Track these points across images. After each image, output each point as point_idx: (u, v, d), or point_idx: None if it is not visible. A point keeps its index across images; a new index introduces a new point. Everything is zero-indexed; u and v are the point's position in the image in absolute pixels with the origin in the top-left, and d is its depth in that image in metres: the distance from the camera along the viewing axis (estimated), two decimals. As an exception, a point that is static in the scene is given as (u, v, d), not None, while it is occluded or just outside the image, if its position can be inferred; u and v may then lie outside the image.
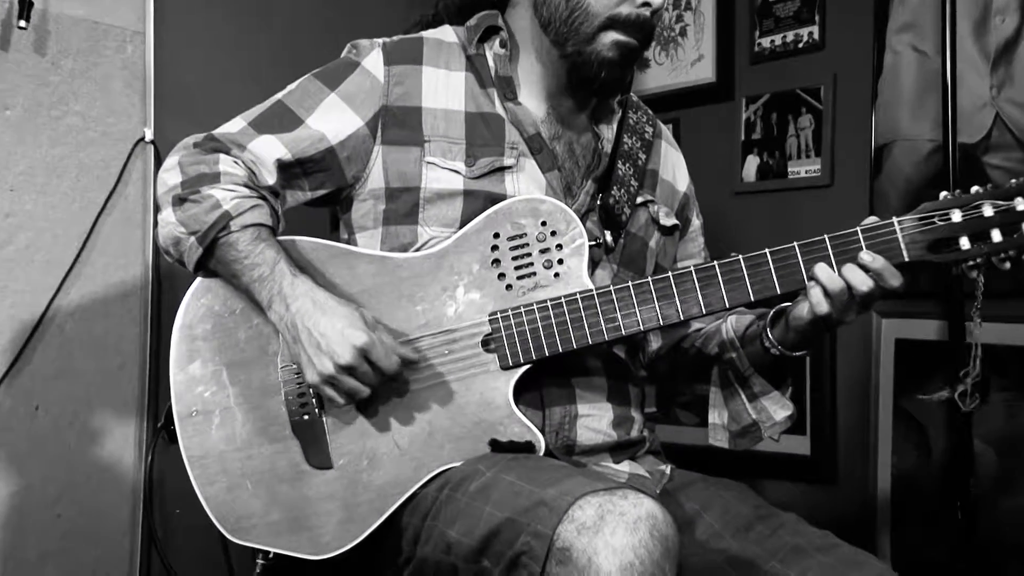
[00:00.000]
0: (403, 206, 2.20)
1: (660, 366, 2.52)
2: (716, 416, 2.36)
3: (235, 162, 2.16)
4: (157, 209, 2.19)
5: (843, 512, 3.47)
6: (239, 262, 2.09)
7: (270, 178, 2.17)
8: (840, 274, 2.01)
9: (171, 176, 2.16)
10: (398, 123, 2.21)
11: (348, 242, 2.28)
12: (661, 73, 4.05)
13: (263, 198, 2.15)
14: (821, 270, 2.02)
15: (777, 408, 2.29)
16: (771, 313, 2.21)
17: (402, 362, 2.06)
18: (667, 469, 2.32)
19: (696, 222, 2.56)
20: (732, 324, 2.33)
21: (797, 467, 3.58)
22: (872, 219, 2.05)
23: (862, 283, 2.00)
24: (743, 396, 2.31)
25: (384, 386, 2.07)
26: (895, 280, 2.00)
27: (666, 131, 2.53)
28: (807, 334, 2.13)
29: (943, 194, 2.00)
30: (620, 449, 2.26)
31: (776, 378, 2.30)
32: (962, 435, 2.97)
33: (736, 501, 2.18)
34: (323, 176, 2.23)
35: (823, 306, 2.02)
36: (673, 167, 2.50)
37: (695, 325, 2.47)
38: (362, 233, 2.25)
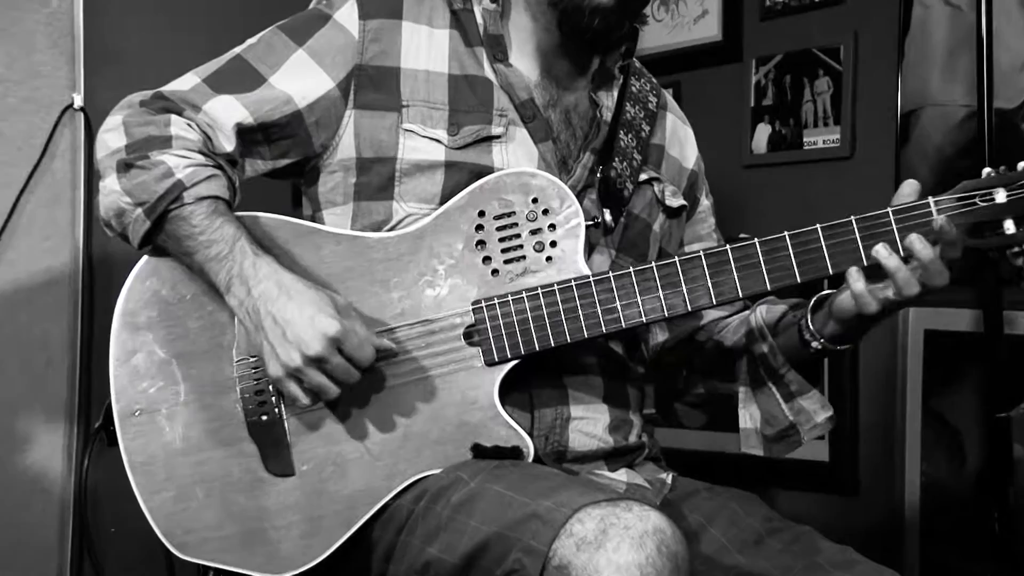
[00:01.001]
0: (377, 179, 2.21)
1: (667, 360, 2.53)
2: (748, 419, 2.37)
3: (188, 125, 2.16)
4: (98, 175, 2.18)
5: (865, 525, 3.50)
6: (193, 238, 2.09)
7: (228, 144, 2.17)
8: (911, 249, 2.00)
9: (114, 138, 2.15)
10: (373, 85, 2.22)
11: (313, 220, 2.28)
12: (660, 31, 4.06)
13: (220, 167, 2.15)
14: (883, 251, 2.01)
15: (817, 408, 2.30)
16: (812, 302, 2.22)
17: (378, 354, 2.07)
18: (668, 478, 2.34)
19: (705, 202, 2.58)
20: (762, 313, 2.34)
21: (814, 475, 3.62)
22: (911, 187, 2.06)
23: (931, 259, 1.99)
24: (778, 395, 2.32)
25: (354, 384, 2.08)
26: (940, 279, 2.01)
27: (672, 102, 2.55)
28: (853, 326, 2.14)
29: (986, 171, 2.01)
30: (617, 456, 2.28)
31: (810, 375, 2.31)
32: (1000, 440, 2.99)
33: (745, 513, 2.21)
34: (288, 144, 2.24)
35: (872, 304, 2.03)
36: (681, 142, 2.52)
37: (711, 315, 2.48)
38: (330, 209, 2.26)
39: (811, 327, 2.20)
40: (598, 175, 2.28)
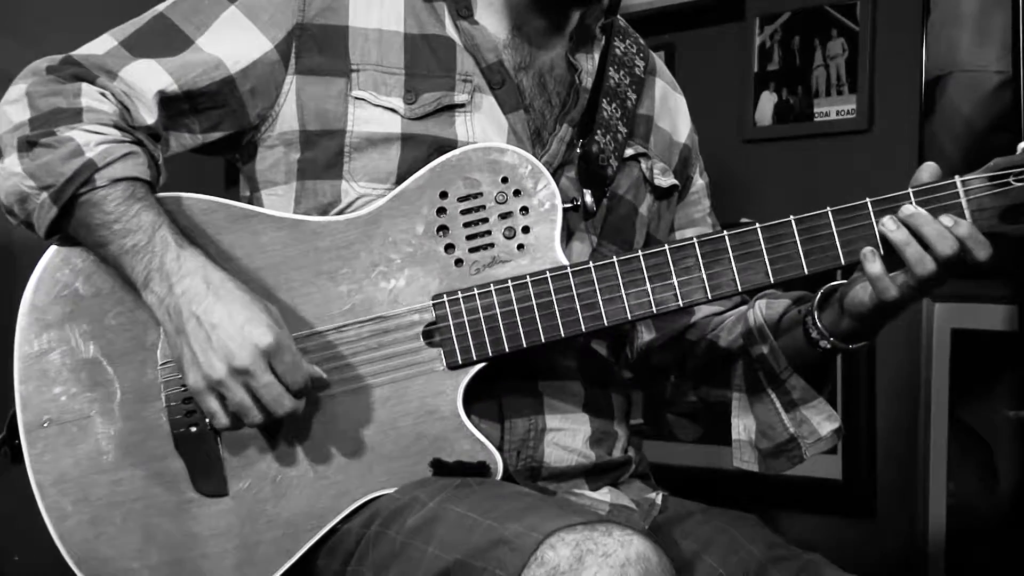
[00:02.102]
0: (323, 155, 2.22)
1: (654, 363, 2.55)
2: (742, 430, 2.38)
3: (102, 94, 2.15)
4: None
5: (882, 553, 3.52)
6: (107, 227, 2.08)
7: (148, 116, 2.17)
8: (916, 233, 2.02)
9: (16, 111, 2.14)
10: (317, 46, 2.22)
11: (250, 201, 2.29)
12: (649, -17, 4.07)
13: (139, 143, 2.14)
14: (891, 224, 2.03)
15: (822, 420, 2.31)
16: (818, 296, 2.23)
17: (312, 383, 2.07)
18: (658, 498, 2.35)
19: (700, 181, 2.59)
20: (762, 310, 2.35)
21: (824, 495, 3.65)
22: (929, 172, 2.07)
23: (948, 245, 2.00)
24: (778, 404, 2.33)
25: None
26: (983, 251, 2.02)
27: (662, 66, 2.56)
28: (868, 320, 2.15)
29: (1022, 146, 2.02)
30: (599, 472, 2.30)
31: (817, 380, 2.33)
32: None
33: (745, 538, 2.22)
34: (218, 115, 2.24)
35: (891, 289, 2.04)
36: (672, 113, 2.53)
37: (704, 311, 2.49)
38: (270, 189, 2.27)
39: (819, 324, 2.21)
40: (577, 150, 2.29)
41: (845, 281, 2.16)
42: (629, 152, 2.37)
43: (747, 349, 2.35)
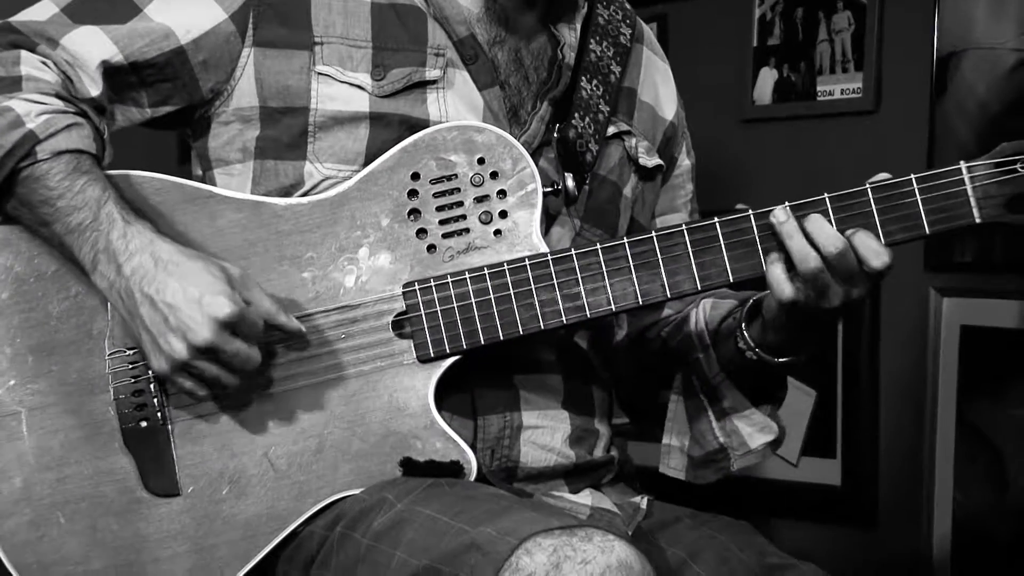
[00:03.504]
0: (286, 134, 2.23)
1: (619, 363, 2.56)
2: (673, 436, 2.44)
3: (43, 63, 2.16)
4: None
5: (884, 564, 3.54)
6: (49, 203, 2.08)
7: (93, 88, 2.17)
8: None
9: None
10: (278, 17, 2.23)
11: (203, 180, 2.30)
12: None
13: (82, 114, 2.15)
14: (780, 215, 2.05)
15: (753, 431, 2.35)
16: (750, 302, 2.25)
17: (286, 335, 2.10)
18: (643, 502, 2.37)
19: (686, 163, 2.60)
20: (705, 311, 2.38)
21: (822, 501, 3.67)
22: (883, 175, 2.07)
23: (832, 244, 2.02)
24: (710, 412, 2.38)
25: (255, 384, 2.11)
26: (877, 260, 2.03)
27: (648, 33, 2.57)
28: (785, 331, 2.17)
29: (1030, 130, 2.05)
30: (579, 474, 2.32)
31: (768, 388, 2.35)
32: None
33: (737, 546, 2.23)
34: (168, 88, 2.25)
35: (786, 287, 2.05)
36: (656, 85, 2.53)
37: (669, 307, 2.52)
38: (223, 168, 2.29)
39: (746, 334, 2.24)
40: (555, 134, 2.30)
41: None
42: (612, 131, 2.38)
43: (685, 354, 2.40)
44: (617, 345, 2.54)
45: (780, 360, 2.23)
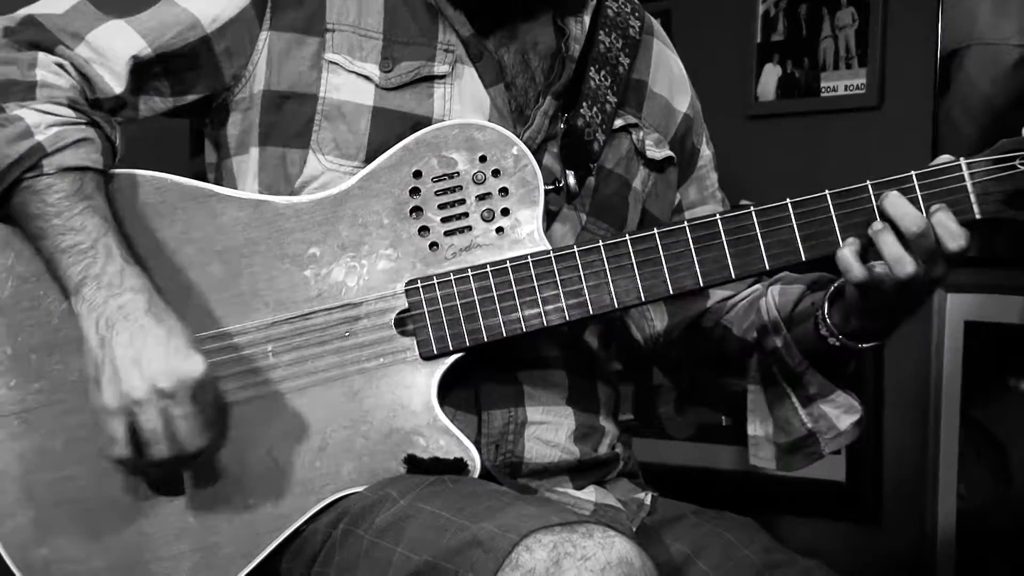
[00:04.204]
0: (293, 121, 2.23)
1: (674, 355, 2.57)
2: (758, 426, 2.40)
3: (59, 66, 2.14)
4: None
5: (888, 560, 3.54)
6: (44, 219, 2.07)
7: (116, 85, 2.17)
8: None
9: None
10: (295, 2, 2.23)
11: (217, 168, 2.31)
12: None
13: (95, 124, 2.13)
14: (895, 202, 2.04)
15: (840, 413, 2.33)
16: (831, 290, 2.22)
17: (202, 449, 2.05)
18: (647, 498, 2.38)
19: (707, 152, 2.59)
20: (775, 298, 2.36)
21: (826, 497, 3.68)
22: (946, 158, 2.08)
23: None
24: (794, 399, 2.35)
25: (258, 382, 2.11)
26: (954, 242, 2.02)
27: (658, 25, 2.56)
28: (874, 316, 2.15)
29: (1030, 126, 2.05)
30: (584, 470, 2.32)
31: (836, 368, 2.33)
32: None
33: (741, 543, 2.23)
34: (192, 77, 2.25)
35: (906, 263, 2.03)
36: (669, 77, 2.52)
37: (717, 295, 2.50)
38: (238, 157, 2.28)
39: (828, 320, 2.21)
40: (561, 125, 2.30)
41: None
42: (618, 123, 2.37)
43: (761, 342, 2.37)
44: (660, 335, 2.54)
45: (863, 345, 2.21)
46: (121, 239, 2.07)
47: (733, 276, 2.10)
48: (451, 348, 2.13)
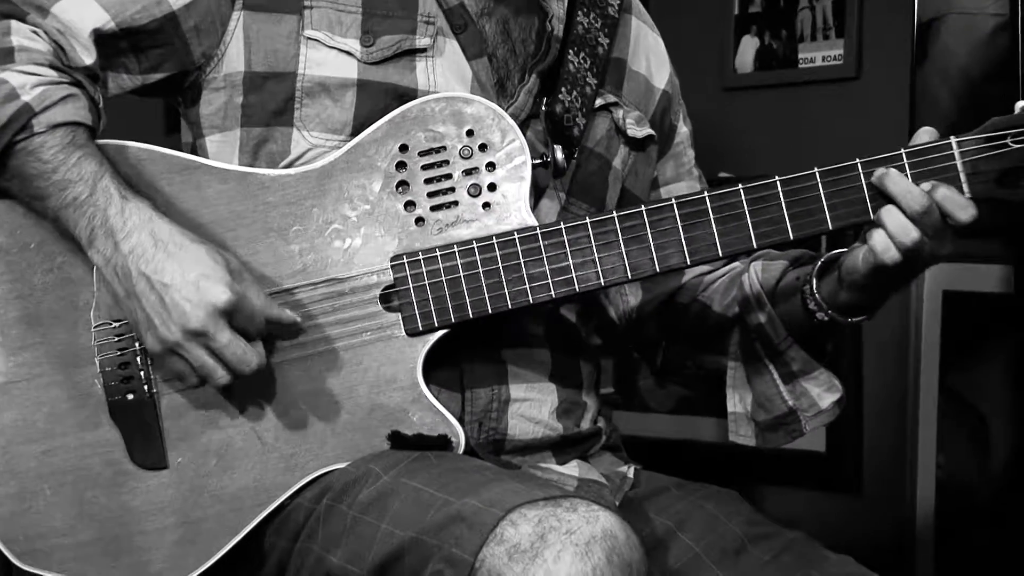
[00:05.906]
0: (272, 100, 2.21)
1: (647, 331, 2.56)
2: (737, 402, 2.39)
3: (34, 32, 2.13)
4: None
5: (869, 530, 3.55)
6: (44, 177, 2.06)
7: (86, 56, 2.15)
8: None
9: None
10: None
11: (193, 148, 2.29)
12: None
13: (78, 84, 2.13)
14: (895, 180, 2.02)
15: (822, 391, 2.32)
16: (818, 264, 2.21)
17: (279, 326, 2.07)
18: (630, 471, 2.37)
19: (684, 129, 2.58)
20: (757, 273, 2.34)
21: (808, 468, 3.69)
22: (928, 131, 2.07)
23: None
24: (776, 376, 2.33)
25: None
26: (963, 213, 2.02)
27: (638, 4, 2.54)
28: (868, 290, 2.14)
29: (1020, 104, 2.02)
30: (567, 445, 2.31)
31: (817, 346, 2.32)
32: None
33: (724, 515, 2.24)
34: (160, 54, 2.23)
35: (912, 232, 2.02)
36: (647, 54, 2.51)
37: (692, 271, 2.49)
38: (214, 136, 2.26)
39: (817, 295, 2.20)
40: (543, 107, 2.29)
41: (846, 250, 2.14)
42: (599, 103, 2.36)
43: (743, 317, 2.36)
44: (634, 311, 2.53)
45: (851, 320, 2.21)
46: (118, 177, 2.07)
47: (720, 254, 2.09)
48: (436, 324, 2.12)
